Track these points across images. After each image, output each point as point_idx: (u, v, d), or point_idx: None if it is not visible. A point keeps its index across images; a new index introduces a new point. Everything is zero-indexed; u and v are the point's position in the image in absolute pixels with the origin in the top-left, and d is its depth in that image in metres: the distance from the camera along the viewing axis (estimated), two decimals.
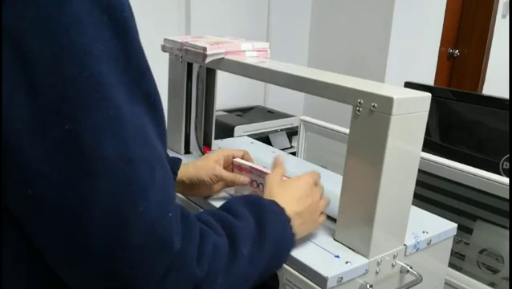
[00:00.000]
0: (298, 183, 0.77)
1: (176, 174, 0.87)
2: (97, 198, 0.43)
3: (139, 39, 0.48)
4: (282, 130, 2.07)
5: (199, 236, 0.51)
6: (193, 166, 0.90)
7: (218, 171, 0.89)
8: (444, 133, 1.32)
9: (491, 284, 1.05)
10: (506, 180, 1.00)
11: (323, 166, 1.21)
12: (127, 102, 0.45)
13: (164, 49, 1.15)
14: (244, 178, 0.89)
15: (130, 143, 0.45)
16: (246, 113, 2.24)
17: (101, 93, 0.43)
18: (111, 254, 0.45)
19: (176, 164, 0.89)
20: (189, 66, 1.14)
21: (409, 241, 0.84)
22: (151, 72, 0.49)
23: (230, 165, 0.94)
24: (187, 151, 1.21)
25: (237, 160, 0.94)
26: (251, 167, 0.91)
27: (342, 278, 0.73)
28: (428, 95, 0.77)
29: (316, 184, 0.81)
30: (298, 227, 0.71)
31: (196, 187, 0.90)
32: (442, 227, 0.92)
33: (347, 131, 0.97)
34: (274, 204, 0.69)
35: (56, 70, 0.41)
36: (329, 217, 0.89)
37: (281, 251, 0.67)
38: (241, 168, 0.93)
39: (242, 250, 0.56)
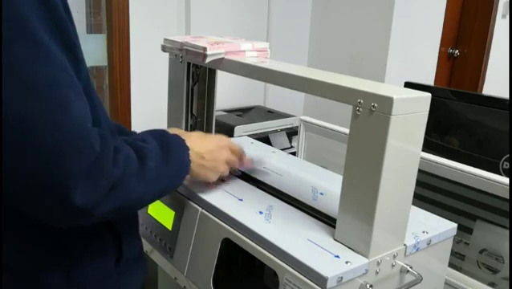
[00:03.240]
0: (211, 136, 0.93)
1: None
2: (35, 111, 0.57)
3: (59, 5, 0.62)
4: (282, 130, 2.07)
5: (113, 149, 0.65)
6: None
7: None
8: (444, 133, 1.32)
9: (491, 284, 1.05)
10: (506, 180, 1.00)
11: (323, 166, 1.21)
12: (48, 40, 0.59)
13: (164, 49, 1.15)
14: None
15: (53, 69, 0.59)
16: (246, 113, 2.24)
17: (29, 33, 0.58)
18: (50, 154, 0.57)
19: None
20: (189, 66, 1.14)
21: (409, 241, 0.84)
22: (68, 26, 0.64)
23: None
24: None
25: None
26: None
27: (342, 278, 0.73)
28: (428, 95, 0.77)
29: (231, 150, 0.95)
30: (197, 166, 0.85)
31: None
32: (442, 227, 0.92)
33: (347, 131, 0.98)
34: (177, 136, 0.82)
35: None
36: (329, 217, 0.90)
37: (181, 171, 0.81)
38: None
39: (149, 163, 0.69)
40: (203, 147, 0.87)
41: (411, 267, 0.83)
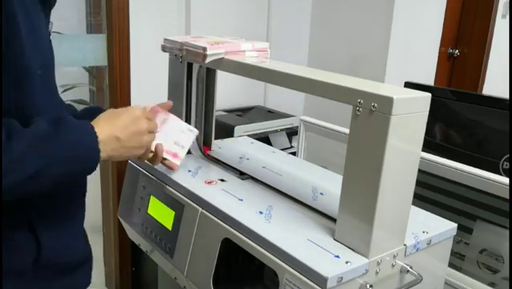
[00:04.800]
0: (124, 111, 0.84)
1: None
2: None
3: None
4: (282, 130, 2.07)
5: None
6: None
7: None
8: (444, 133, 1.32)
9: (491, 284, 1.05)
10: (506, 180, 1.00)
11: (323, 166, 1.21)
12: None
13: (164, 49, 1.15)
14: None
15: None
16: (246, 113, 2.24)
17: None
18: None
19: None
20: (189, 66, 1.14)
21: (409, 241, 0.84)
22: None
23: None
24: (187, 151, 1.21)
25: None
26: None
27: (342, 278, 0.73)
28: (428, 95, 0.77)
29: (148, 119, 0.87)
30: (114, 149, 0.79)
31: None
32: (442, 227, 0.92)
33: (347, 131, 0.98)
34: (82, 122, 0.76)
35: None
36: (329, 217, 0.90)
37: (79, 156, 0.74)
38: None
39: (14, 144, 0.66)
40: (115, 127, 0.80)
41: (411, 267, 0.83)
